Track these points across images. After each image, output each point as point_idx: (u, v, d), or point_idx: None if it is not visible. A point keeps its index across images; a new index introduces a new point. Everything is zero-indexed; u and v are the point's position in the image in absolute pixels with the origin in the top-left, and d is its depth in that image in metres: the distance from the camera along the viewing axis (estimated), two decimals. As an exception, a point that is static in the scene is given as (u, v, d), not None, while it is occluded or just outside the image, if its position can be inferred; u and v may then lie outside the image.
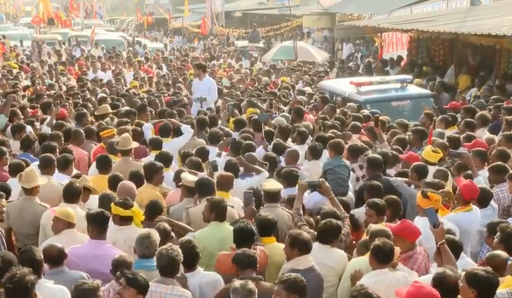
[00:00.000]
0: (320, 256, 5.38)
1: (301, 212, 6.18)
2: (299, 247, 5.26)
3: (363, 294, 4.48)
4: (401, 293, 4.40)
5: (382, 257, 5.06)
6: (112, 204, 5.91)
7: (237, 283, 4.58)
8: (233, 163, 7.48)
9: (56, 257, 5.13)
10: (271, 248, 5.72)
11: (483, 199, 6.59)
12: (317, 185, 6.41)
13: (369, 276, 5.08)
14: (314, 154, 8.11)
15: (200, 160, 7.80)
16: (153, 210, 6.16)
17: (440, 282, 4.52)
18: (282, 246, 5.72)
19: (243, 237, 5.40)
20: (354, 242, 6.03)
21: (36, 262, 4.86)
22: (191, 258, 5.17)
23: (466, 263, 5.33)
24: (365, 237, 5.75)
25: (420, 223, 5.71)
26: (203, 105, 12.34)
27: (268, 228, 5.80)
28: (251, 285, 4.55)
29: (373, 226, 5.67)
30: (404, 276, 5.07)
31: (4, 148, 8.04)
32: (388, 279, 4.98)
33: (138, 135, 9.23)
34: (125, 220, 5.87)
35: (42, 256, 4.96)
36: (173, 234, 5.71)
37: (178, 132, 9.30)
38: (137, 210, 5.89)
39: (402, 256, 5.16)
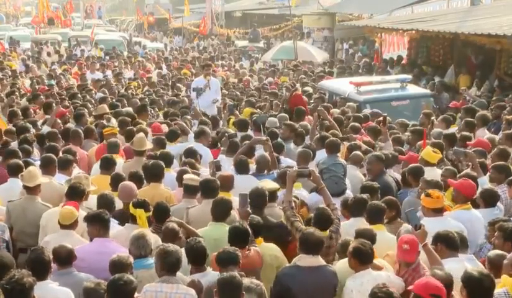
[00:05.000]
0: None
1: (293, 204, 6.15)
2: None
3: (385, 292, 4.48)
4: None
5: (363, 258, 5.10)
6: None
7: (248, 281, 4.57)
8: (244, 160, 7.51)
9: (65, 258, 5.12)
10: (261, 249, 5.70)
11: (490, 199, 6.56)
12: (307, 174, 6.39)
13: (355, 278, 5.08)
14: None
15: (193, 160, 7.81)
16: (161, 212, 6.11)
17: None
18: (272, 246, 5.75)
19: (237, 237, 5.39)
20: None
21: (44, 262, 4.87)
22: (200, 257, 5.16)
23: (476, 266, 5.28)
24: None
25: (429, 224, 5.65)
26: (198, 96, 12.38)
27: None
28: (261, 284, 4.59)
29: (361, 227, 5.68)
30: (388, 275, 5.09)
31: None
32: (373, 278, 4.98)
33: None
34: (133, 219, 5.91)
35: (51, 257, 4.95)
36: (181, 235, 5.71)
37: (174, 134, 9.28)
38: (140, 212, 5.86)
39: (411, 268, 5.14)
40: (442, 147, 8.17)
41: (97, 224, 5.64)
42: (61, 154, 8.13)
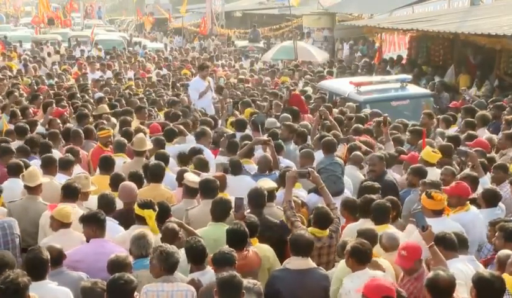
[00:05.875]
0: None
1: (293, 204, 6.15)
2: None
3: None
4: (359, 289, 4.52)
5: (361, 258, 5.08)
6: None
7: (245, 281, 4.58)
8: (236, 161, 7.52)
9: (55, 258, 5.10)
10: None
11: (492, 199, 6.54)
12: (306, 174, 6.39)
13: (352, 279, 5.07)
14: None
15: (207, 160, 7.82)
16: (162, 212, 6.09)
17: (434, 283, 4.49)
18: (265, 247, 5.76)
19: (235, 239, 5.40)
20: None
21: (43, 261, 4.86)
22: (199, 256, 5.18)
23: (477, 267, 5.31)
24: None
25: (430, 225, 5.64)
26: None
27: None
28: (258, 283, 4.60)
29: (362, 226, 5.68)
30: (384, 275, 5.07)
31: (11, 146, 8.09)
32: (370, 278, 4.93)
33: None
34: (139, 220, 5.87)
35: (49, 256, 4.93)
36: (181, 234, 5.72)
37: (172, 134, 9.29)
38: (149, 213, 5.83)
39: (413, 276, 5.11)
40: (451, 149, 8.16)
41: (93, 224, 5.63)
42: (60, 154, 8.15)
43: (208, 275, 5.13)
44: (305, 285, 5.17)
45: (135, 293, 4.55)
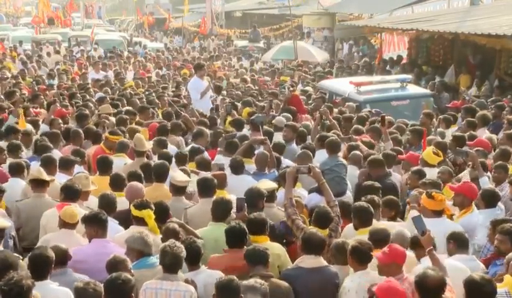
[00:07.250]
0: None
1: (294, 202, 6.15)
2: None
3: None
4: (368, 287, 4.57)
5: (362, 258, 5.09)
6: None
7: (252, 280, 4.59)
8: (238, 160, 7.52)
9: (60, 258, 5.09)
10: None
11: (491, 199, 6.54)
12: (307, 170, 6.39)
13: (352, 278, 5.08)
14: None
15: (210, 159, 7.80)
16: (161, 212, 6.10)
17: (423, 282, 4.50)
18: (276, 245, 5.74)
19: (234, 237, 5.40)
20: None
21: (48, 261, 4.86)
22: (194, 255, 5.18)
23: (477, 266, 5.33)
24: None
25: (428, 226, 5.59)
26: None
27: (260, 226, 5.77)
28: (265, 284, 4.62)
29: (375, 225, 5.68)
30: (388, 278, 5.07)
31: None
32: (371, 279, 4.99)
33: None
34: (137, 221, 5.86)
35: (54, 256, 4.93)
36: (181, 234, 5.71)
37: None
38: (148, 213, 5.82)
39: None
40: (446, 147, 8.16)
41: (95, 225, 5.62)
42: (61, 154, 8.15)
43: (202, 275, 5.14)
44: (318, 283, 5.18)
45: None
